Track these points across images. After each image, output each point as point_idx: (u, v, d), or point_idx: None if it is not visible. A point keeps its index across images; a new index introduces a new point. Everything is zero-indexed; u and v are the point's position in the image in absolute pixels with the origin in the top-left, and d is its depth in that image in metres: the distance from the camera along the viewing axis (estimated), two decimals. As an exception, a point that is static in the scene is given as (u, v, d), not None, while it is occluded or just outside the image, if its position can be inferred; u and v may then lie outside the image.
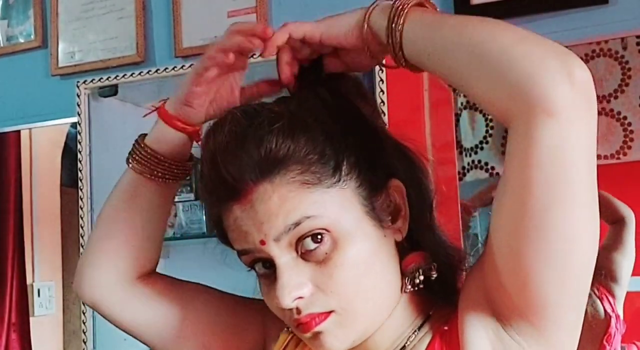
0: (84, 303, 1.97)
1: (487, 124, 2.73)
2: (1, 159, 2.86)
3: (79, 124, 2.03)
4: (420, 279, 0.75)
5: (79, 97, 2.04)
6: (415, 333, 0.77)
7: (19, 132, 2.78)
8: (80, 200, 1.99)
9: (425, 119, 1.75)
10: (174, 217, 2.19)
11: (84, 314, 1.96)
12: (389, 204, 0.76)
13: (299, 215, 0.70)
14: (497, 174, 2.72)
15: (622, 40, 2.54)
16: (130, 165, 0.83)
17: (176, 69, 1.94)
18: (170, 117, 0.80)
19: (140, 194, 0.84)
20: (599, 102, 2.48)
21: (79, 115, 2.03)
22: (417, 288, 0.76)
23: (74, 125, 2.17)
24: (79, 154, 2.02)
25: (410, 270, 0.75)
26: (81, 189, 1.99)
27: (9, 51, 2.36)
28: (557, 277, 0.66)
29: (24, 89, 2.33)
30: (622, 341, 1.78)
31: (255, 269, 0.76)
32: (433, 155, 1.70)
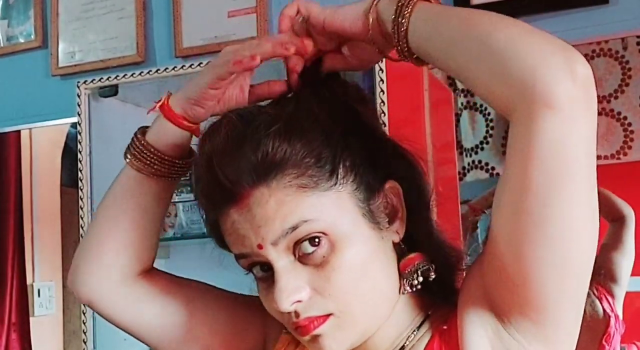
0: (82, 303, 1.98)
1: (488, 124, 2.73)
2: (1, 159, 2.86)
3: (79, 124, 2.03)
4: (418, 281, 0.75)
5: (79, 97, 2.04)
6: (415, 332, 0.77)
7: (19, 132, 2.78)
8: (80, 200, 1.99)
9: (425, 119, 1.75)
10: (174, 217, 2.19)
11: (84, 314, 1.96)
12: (385, 206, 0.76)
13: (296, 219, 0.70)
14: (497, 174, 2.72)
15: (623, 40, 2.54)
16: (129, 162, 0.82)
17: (176, 69, 1.94)
18: (175, 116, 0.80)
19: (140, 191, 0.83)
20: (599, 102, 2.48)
21: (79, 115, 2.03)
22: (415, 289, 0.76)
23: (74, 125, 2.17)
24: (79, 154, 2.02)
25: (408, 271, 0.76)
26: (81, 189, 1.99)
27: (9, 51, 2.36)
28: (556, 273, 0.66)
29: (24, 89, 2.32)
30: (622, 341, 1.78)
31: (253, 272, 0.76)
32: (433, 155, 1.70)
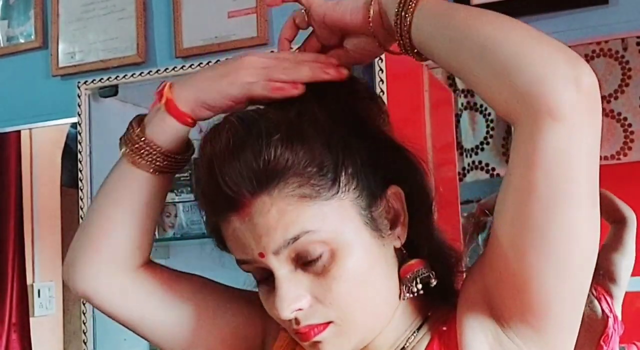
0: (83, 302, 1.98)
1: (488, 125, 2.73)
2: (1, 159, 2.86)
3: (79, 124, 2.03)
4: (417, 288, 0.75)
5: (79, 97, 2.04)
6: (414, 334, 0.77)
7: (19, 132, 2.78)
8: (80, 200, 1.99)
9: (425, 120, 1.75)
10: (174, 217, 2.19)
11: (84, 314, 1.96)
12: (388, 211, 0.75)
13: (298, 230, 0.69)
14: (497, 174, 2.72)
15: (623, 40, 2.54)
16: (127, 157, 0.80)
17: (176, 70, 1.94)
18: (182, 115, 0.78)
19: (139, 186, 0.81)
20: (599, 103, 2.47)
21: (79, 115, 2.03)
22: (416, 295, 0.75)
23: (74, 125, 2.17)
24: (79, 154, 2.02)
25: (408, 278, 0.75)
26: (81, 189, 1.99)
27: (9, 51, 2.36)
28: (557, 278, 0.67)
29: (24, 89, 2.33)
30: (623, 341, 1.77)
31: (254, 276, 0.76)
32: (433, 156, 1.70)
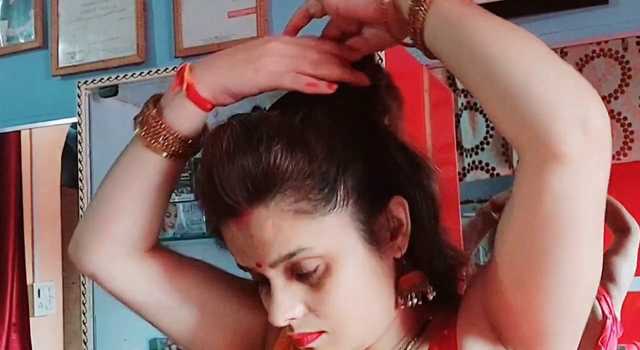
0: (83, 302, 1.97)
1: (488, 125, 2.73)
2: (1, 159, 2.87)
3: (79, 124, 2.03)
4: (413, 301, 0.74)
5: (79, 97, 2.04)
6: (414, 340, 0.77)
7: (19, 132, 2.78)
8: (80, 200, 1.99)
9: (425, 119, 1.75)
10: (174, 217, 2.19)
11: (84, 314, 1.96)
12: (389, 221, 0.74)
13: (294, 247, 0.69)
14: (497, 174, 2.72)
15: (623, 40, 2.54)
16: (143, 140, 0.78)
17: (176, 69, 1.94)
18: (203, 101, 0.77)
19: (153, 170, 0.79)
20: (599, 103, 2.48)
21: (79, 115, 2.03)
22: (413, 306, 0.75)
23: (74, 125, 2.17)
24: (79, 154, 2.02)
25: (405, 290, 0.74)
26: (81, 189, 1.99)
27: (9, 51, 2.36)
28: (558, 312, 0.66)
29: (24, 89, 2.33)
30: (623, 341, 1.78)
31: (254, 277, 0.76)
32: (433, 156, 1.70)
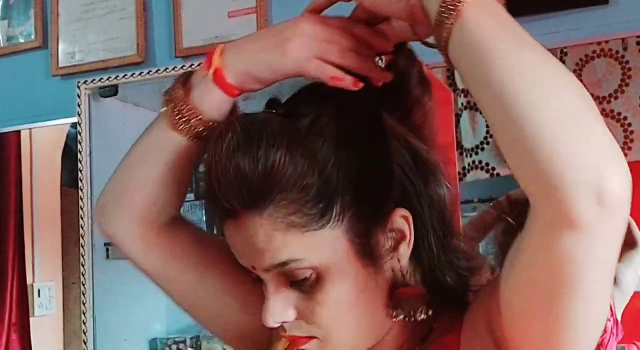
0: (83, 302, 1.97)
1: (488, 125, 2.73)
2: (1, 159, 2.87)
3: (79, 124, 2.03)
4: (399, 317, 0.72)
5: (79, 97, 2.04)
6: (417, 348, 0.76)
7: (19, 132, 2.78)
8: (80, 200, 1.99)
9: (425, 119, 1.75)
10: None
11: (84, 314, 1.96)
12: (390, 233, 0.72)
13: (285, 257, 0.69)
14: (497, 174, 2.72)
15: (623, 40, 2.53)
16: (167, 115, 0.78)
17: (176, 69, 1.94)
18: (230, 88, 0.76)
19: (174, 151, 0.79)
20: (599, 104, 2.48)
21: (79, 115, 2.03)
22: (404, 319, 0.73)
23: (74, 125, 2.17)
24: (79, 154, 2.02)
25: (396, 303, 0.73)
26: (81, 189, 1.99)
27: (9, 51, 2.36)
28: (563, 346, 0.64)
29: (24, 89, 2.32)
30: (623, 341, 1.78)
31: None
32: (433, 155, 1.69)
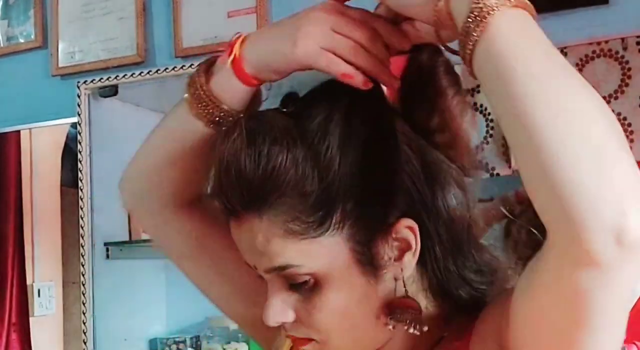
0: (83, 302, 1.97)
1: (488, 125, 2.73)
2: (1, 159, 2.86)
3: (79, 124, 2.03)
4: (391, 327, 0.71)
5: (79, 97, 2.04)
6: None
7: (19, 132, 2.77)
8: (80, 200, 1.99)
9: (425, 119, 1.75)
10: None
11: (84, 314, 1.97)
12: (395, 239, 0.71)
13: (283, 262, 0.69)
14: (497, 174, 2.72)
15: (623, 40, 2.53)
16: (188, 101, 0.77)
17: (176, 69, 1.94)
18: (248, 78, 0.75)
19: (194, 136, 0.79)
20: (599, 103, 2.47)
21: (79, 115, 2.04)
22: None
23: (74, 125, 2.17)
24: (79, 154, 2.02)
25: (392, 313, 0.71)
26: (81, 189, 1.99)
27: (9, 51, 2.36)
28: None
29: (24, 89, 2.33)
30: (623, 341, 1.78)
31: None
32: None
